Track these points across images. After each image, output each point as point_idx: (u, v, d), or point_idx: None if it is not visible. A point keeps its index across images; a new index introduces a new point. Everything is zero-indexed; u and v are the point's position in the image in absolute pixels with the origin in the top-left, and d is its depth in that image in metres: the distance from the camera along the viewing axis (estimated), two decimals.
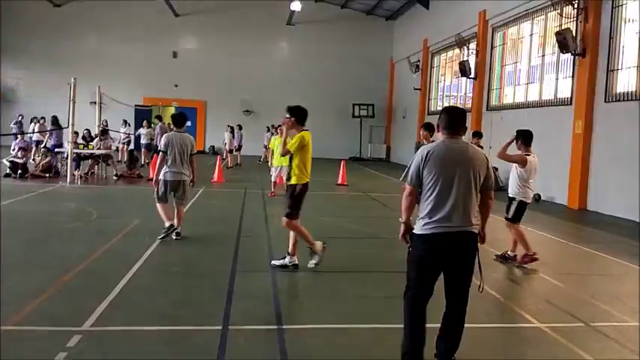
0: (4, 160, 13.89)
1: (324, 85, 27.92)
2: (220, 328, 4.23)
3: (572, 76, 13.25)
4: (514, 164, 6.76)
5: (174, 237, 7.36)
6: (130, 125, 21.96)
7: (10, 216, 8.13)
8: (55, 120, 16.04)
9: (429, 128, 7.96)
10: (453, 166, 3.40)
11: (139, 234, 7.65)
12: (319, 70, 27.88)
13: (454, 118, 3.55)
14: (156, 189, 7.39)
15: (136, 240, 7.30)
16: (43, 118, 18.50)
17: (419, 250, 3.50)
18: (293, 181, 6.01)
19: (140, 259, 6.22)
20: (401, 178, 3.53)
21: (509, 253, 6.93)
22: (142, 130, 18.43)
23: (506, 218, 6.79)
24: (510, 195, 6.81)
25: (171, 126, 8.03)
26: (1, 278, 4.66)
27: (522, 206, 6.72)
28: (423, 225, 3.45)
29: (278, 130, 12.69)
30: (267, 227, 8.62)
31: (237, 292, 5.18)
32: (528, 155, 6.65)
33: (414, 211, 3.61)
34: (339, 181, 15.45)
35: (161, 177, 7.35)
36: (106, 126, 19.16)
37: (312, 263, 5.98)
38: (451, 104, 21.14)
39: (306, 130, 6.06)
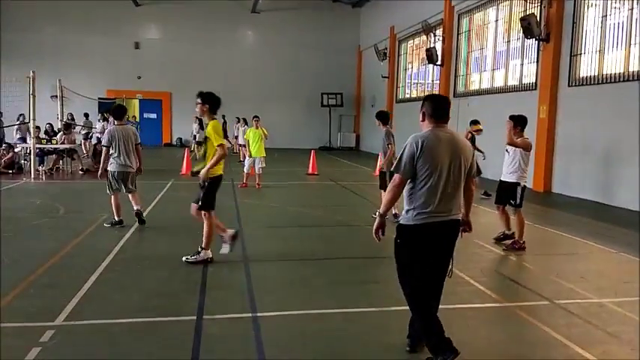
0: None
1: (292, 74, 27.78)
2: (195, 318, 4.24)
3: (537, 62, 13.55)
4: (516, 149, 6.81)
5: (137, 224, 7.71)
6: (89, 119, 21.40)
7: None
8: (20, 115, 15.60)
9: (381, 117, 8.15)
10: (445, 156, 3.37)
11: (108, 228, 7.53)
12: (286, 58, 27.69)
13: (441, 107, 3.51)
14: (107, 182, 7.63)
15: (105, 234, 7.20)
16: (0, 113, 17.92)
17: (409, 240, 3.46)
18: (215, 172, 5.83)
19: (111, 252, 6.16)
20: (392, 169, 3.48)
21: (506, 232, 7.13)
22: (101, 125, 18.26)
23: (515, 205, 6.81)
24: (513, 180, 6.81)
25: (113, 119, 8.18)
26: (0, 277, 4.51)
27: (524, 191, 6.89)
28: (415, 215, 3.41)
29: (254, 122, 12.60)
30: (238, 218, 8.59)
31: (211, 283, 5.19)
32: (527, 139, 6.83)
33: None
34: (310, 171, 15.49)
35: (108, 169, 7.59)
36: (72, 120, 18.72)
37: (224, 251, 5.94)
38: (427, 92, 21.37)
39: (215, 119, 5.94)
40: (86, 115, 21.27)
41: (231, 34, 27.49)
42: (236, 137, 21.26)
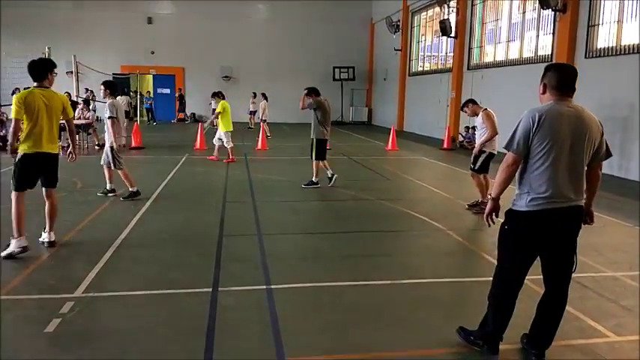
0: None
1: (303, 48, 27.53)
2: (210, 290, 4.33)
3: (553, 33, 13.27)
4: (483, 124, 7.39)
5: (109, 195, 7.93)
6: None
7: None
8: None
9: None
10: (567, 132, 2.97)
11: (125, 202, 7.66)
12: (298, 33, 27.42)
13: (567, 77, 3.09)
14: (116, 157, 7.75)
15: (122, 208, 7.32)
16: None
17: (521, 229, 3.11)
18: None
19: (128, 226, 6.28)
20: (504, 146, 3.11)
21: (482, 199, 7.44)
22: (120, 99, 18.51)
23: (473, 169, 7.57)
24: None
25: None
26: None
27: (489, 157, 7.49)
28: (530, 200, 3.05)
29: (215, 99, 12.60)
30: (251, 192, 8.67)
31: (225, 256, 5.27)
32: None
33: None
34: None
35: (117, 142, 7.77)
36: (93, 95, 19.06)
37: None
38: (440, 65, 21.05)
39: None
40: (89, 91, 21.35)
41: (243, 8, 27.20)
42: (251, 113, 21.19)
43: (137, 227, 6.31)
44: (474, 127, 16.04)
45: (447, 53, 20.39)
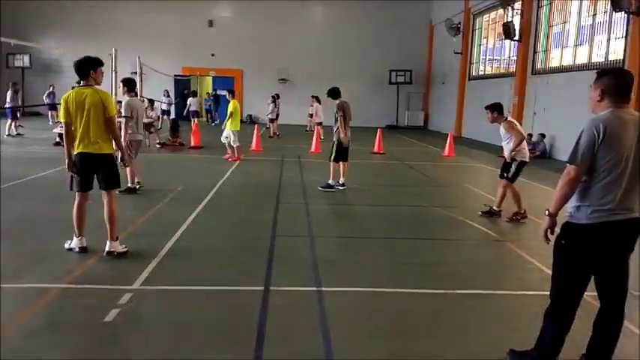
0: (55, 130, 14.44)
1: (360, 51, 27.45)
2: (262, 289, 4.38)
3: (626, 37, 12.58)
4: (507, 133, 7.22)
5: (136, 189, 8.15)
6: (169, 96, 22.62)
7: (59, 182, 8.49)
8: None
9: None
10: (631, 142, 2.87)
11: (183, 199, 7.90)
12: (355, 35, 27.38)
13: (625, 83, 2.99)
14: (128, 152, 7.74)
15: (180, 205, 7.56)
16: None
17: (581, 243, 2.97)
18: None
19: (185, 222, 6.46)
20: (569, 159, 2.93)
21: (494, 208, 7.37)
22: (191, 99, 20.84)
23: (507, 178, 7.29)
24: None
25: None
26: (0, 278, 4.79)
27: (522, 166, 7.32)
28: (591, 213, 2.92)
29: (229, 97, 13.08)
30: (304, 194, 8.71)
31: (278, 256, 5.32)
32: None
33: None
34: (375, 150, 15.36)
35: (129, 139, 7.86)
36: (168, 95, 21.12)
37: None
38: (502, 69, 20.46)
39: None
40: (167, 92, 22.31)
41: (300, 10, 27.50)
42: (310, 115, 21.38)
43: (192, 225, 6.48)
44: (542, 135, 15.46)
45: (509, 57, 19.75)
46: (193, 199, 7.78)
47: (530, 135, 16.01)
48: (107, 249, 5.09)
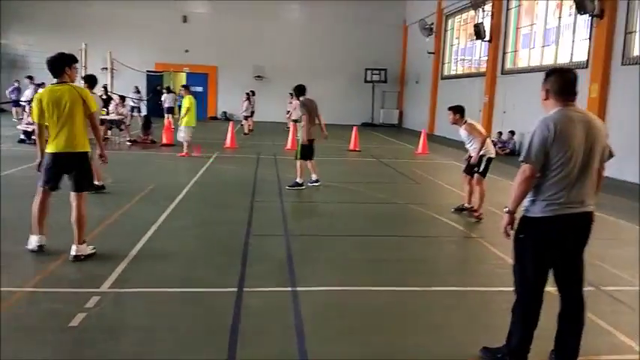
0: (19, 127, 14.01)
1: (336, 49, 27.49)
2: (236, 289, 4.31)
3: (589, 39, 12.90)
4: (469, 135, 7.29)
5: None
6: (140, 92, 22.18)
7: (22, 181, 8.24)
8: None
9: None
10: (580, 139, 2.99)
11: (155, 198, 7.75)
12: (331, 34, 27.40)
13: (570, 82, 3.09)
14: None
15: (150, 203, 7.41)
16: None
17: (539, 235, 3.08)
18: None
19: (156, 222, 6.33)
20: (521, 159, 3.06)
21: (465, 205, 7.49)
22: (165, 96, 20.17)
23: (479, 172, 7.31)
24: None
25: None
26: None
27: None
28: (545, 206, 3.03)
29: (183, 92, 12.79)
30: (280, 191, 8.65)
31: (252, 256, 5.26)
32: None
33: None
34: (351, 147, 15.40)
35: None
36: (138, 92, 19.85)
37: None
38: (474, 69, 20.72)
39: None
40: (136, 88, 21.87)
41: (277, 8, 27.34)
42: (288, 112, 21.28)
43: (165, 224, 6.36)
44: (512, 132, 15.73)
45: (480, 57, 20.04)
46: (165, 198, 7.63)
47: (500, 133, 16.28)
48: (74, 253, 4.84)
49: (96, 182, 7.84)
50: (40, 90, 5.79)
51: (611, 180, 11.57)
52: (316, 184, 9.12)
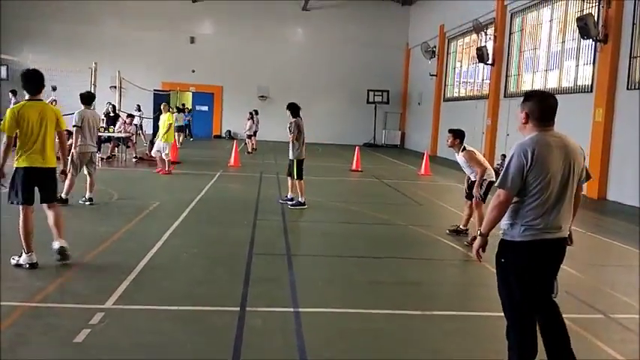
0: None
1: (339, 70, 27.83)
2: (238, 309, 4.32)
3: (593, 63, 13.02)
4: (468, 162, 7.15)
5: (87, 203, 8.03)
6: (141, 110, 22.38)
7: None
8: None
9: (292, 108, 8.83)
10: (558, 164, 3.00)
11: (159, 215, 7.79)
12: (334, 55, 27.77)
13: (549, 106, 3.07)
14: (72, 164, 7.90)
15: (156, 220, 7.46)
16: (54, 100, 18.69)
17: (519, 260, 3.09)
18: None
19: (160, 239, 6.36)
20: (497, 184, 3.09)
21: (461, 227, 7.45)
22: (177, 115, 20.48)
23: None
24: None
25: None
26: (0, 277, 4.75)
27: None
28: (523, 231, 3.04)
29: (163, 108, 12.99)
30: (282, 211, 8.69)
31: (254, 275, 5.27)
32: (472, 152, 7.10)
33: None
34: (354, 167, 15.47)
35: (77, 150, 7.93)
36: (139, 110, 20.42)
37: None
38: (476, 92, 20.89)
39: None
40: (138, 107, 22.06)
41: (281, 30, 27.82)
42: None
43: (169, 241, 6.39)
44: (503, 156, 15.79)
45: (483, 80, 20.22)
46: (169, 216, 7.68)
47: (504, 155, 16.33)
48: (58, 246, 4.99)
49: (63, 195, 7.87)
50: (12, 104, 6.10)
51: (617, 205, 11.60)
52: (290, 202, 9.15)
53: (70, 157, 7.84)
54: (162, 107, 13.33)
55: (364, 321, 4.33)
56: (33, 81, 5.04)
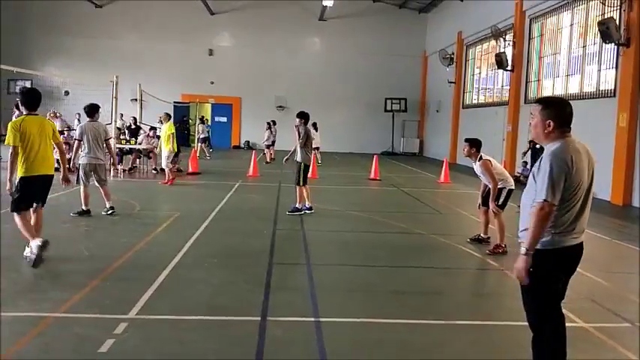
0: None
1: (356, 79, 27.91)
2: (259, 319, 4.33)
3: (616, 67, 12.83)
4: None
5: (108, 213, 8.23)
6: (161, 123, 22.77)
7: (58, 208, 8.46)
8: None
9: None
10: (587, 170, 3.03)
11: (181, 226, 7.87)
12: (351, 64, 27.87)
13: (571, 113, 3.07)
14: (77, 174, 8.22)
15: (177, 230, 7.53)
16: (79, 114, 19.08)
17: (552, 266, 3.03)
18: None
19: (182, 249, 6.42)
20: (545, 197, 2.89)
21: (482, 235, 7.37)
22: (201, 127, 21.04)
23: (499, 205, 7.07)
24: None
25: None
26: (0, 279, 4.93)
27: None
28: (556, 238, 3.01)
29: (164, 119, 13.14)
30: (301, 220, 8.70)
31: (275, 284, 5.28)
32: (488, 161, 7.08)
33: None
34: (372, 176, 15.43)
35: (80, 162, 8.20)
36: (161, 122, 20.67)
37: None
38: (496, 98, 20.71)
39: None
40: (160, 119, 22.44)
41: (298, 40, 28.08)
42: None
43: (190, 251, 6.44)
44: (526, 162, 15.58)
45: (502, 86, 20.06)
46: (190, 226, 7.75)
47: (526, 162, 16.10)
48: (39, 243, 5.21)
49: (83, 207, 8.21)
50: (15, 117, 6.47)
51: None
52: (308, 211, 9.20)
53: (76, 169, 8.29)
54: (162, 117, 13.45)
55: (386, 331, 4.29)
56: (32, 98, 5.65)
